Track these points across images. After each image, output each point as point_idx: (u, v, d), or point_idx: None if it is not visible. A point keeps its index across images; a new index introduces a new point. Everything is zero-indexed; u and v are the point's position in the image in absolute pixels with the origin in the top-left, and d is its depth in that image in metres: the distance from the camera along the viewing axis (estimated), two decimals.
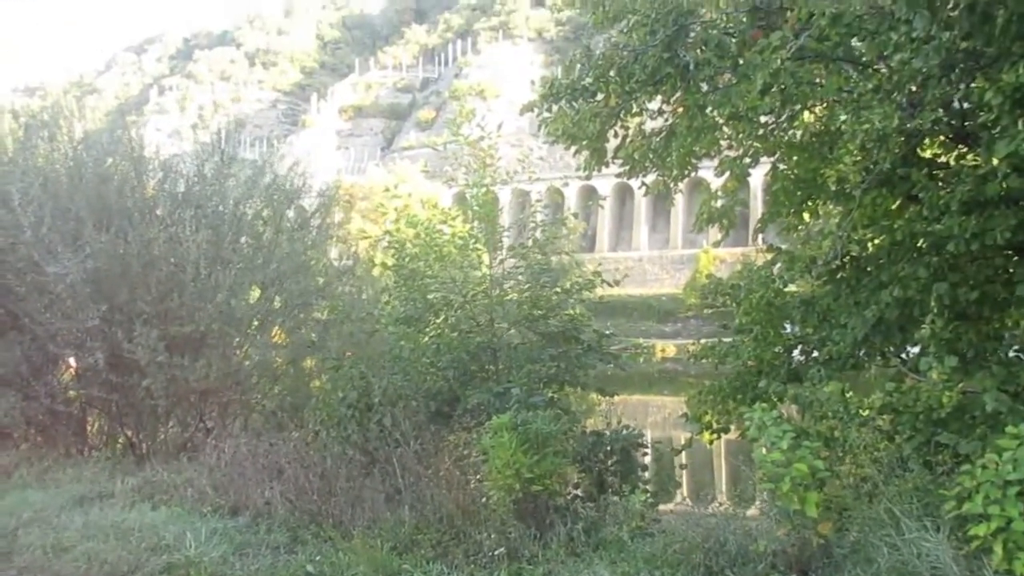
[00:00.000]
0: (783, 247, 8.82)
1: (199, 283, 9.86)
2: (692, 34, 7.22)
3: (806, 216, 8.70)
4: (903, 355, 7.30)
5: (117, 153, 11.55)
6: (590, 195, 55.16)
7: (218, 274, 9.96)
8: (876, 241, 7.47)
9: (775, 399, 7.30)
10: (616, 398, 10.53)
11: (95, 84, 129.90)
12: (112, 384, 9.88)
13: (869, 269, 7.45)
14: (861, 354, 7.36)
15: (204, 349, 10.02)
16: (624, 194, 62.76)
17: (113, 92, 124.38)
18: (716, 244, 10.62)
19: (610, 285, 10.88)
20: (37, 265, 9.47)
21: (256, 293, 11.32)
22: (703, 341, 9.20)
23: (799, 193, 8.24)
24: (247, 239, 11.53)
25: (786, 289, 8.06)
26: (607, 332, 10.59)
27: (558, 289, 10.33)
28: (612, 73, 7.32)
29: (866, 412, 6.37)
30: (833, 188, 7.19)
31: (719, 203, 8.20)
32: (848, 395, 6.54)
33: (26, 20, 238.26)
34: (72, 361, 10.90)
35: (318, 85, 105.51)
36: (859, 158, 6.36)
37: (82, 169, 10.80)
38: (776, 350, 8.30)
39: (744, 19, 7.32)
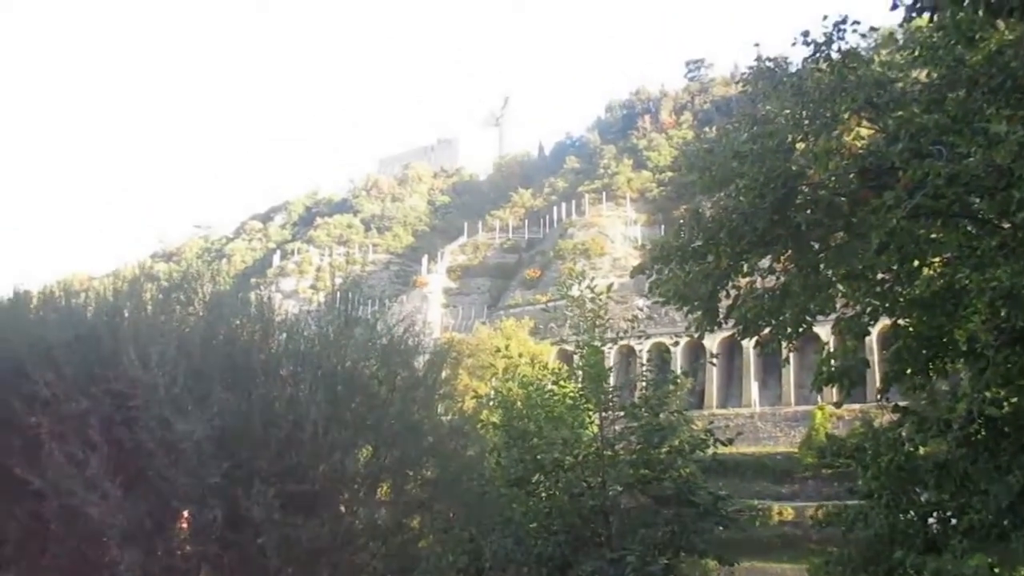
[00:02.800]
0: (909, 407, 8.40)
1: (316, 442, 10.05)
2: (801, 195, 7.28)
3: (933, 375, 8.31)
4: None
5: (245, 315, 12.17)
6: (697, 351, 54.32)
7: (334, 433, 10.15)
8: (1013, 401, 7.05)
9: (912, 573, 6.76)
10: (735, 566, 9.95)
11: (225, 249, 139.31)
12: (227, 541, 9.99)
13: (1008, 431, 6.99)
14: (1007, 523, 6.78)
15: (317, 508, 10.08)
16: (732, 349, 61.48)
17: (240, 257, 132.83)
18: (838, 405, 10.22)
19: (723, 444, 10.54)
20: (168, 423, 9.89)
21: (368, 452, 11.43)
22: (826, 504, 8.69)
23: (924, 351, 7.92)
24: (361, 398, 11.77)
25: (917, 452, 7.62)
26: (722, 494, 10.16)
27: (667, 448, 10.07)
28: (722, 235, 7.40)
29: None
30: (963, 346, 6.90)
31: (837, 363, 7.95)
32: (996, 569, 6.00)
33: (167, 191, 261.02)
34: (188, 516, 11.12)
35: (429, 247, 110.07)
36: (988, 316, 6.11)
37: (213, 330, 11.40)
38: (909, 517, 7.75)
39: (854, 180, 7.35)
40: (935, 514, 7.64)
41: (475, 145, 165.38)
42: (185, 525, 11.34)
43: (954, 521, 7.34)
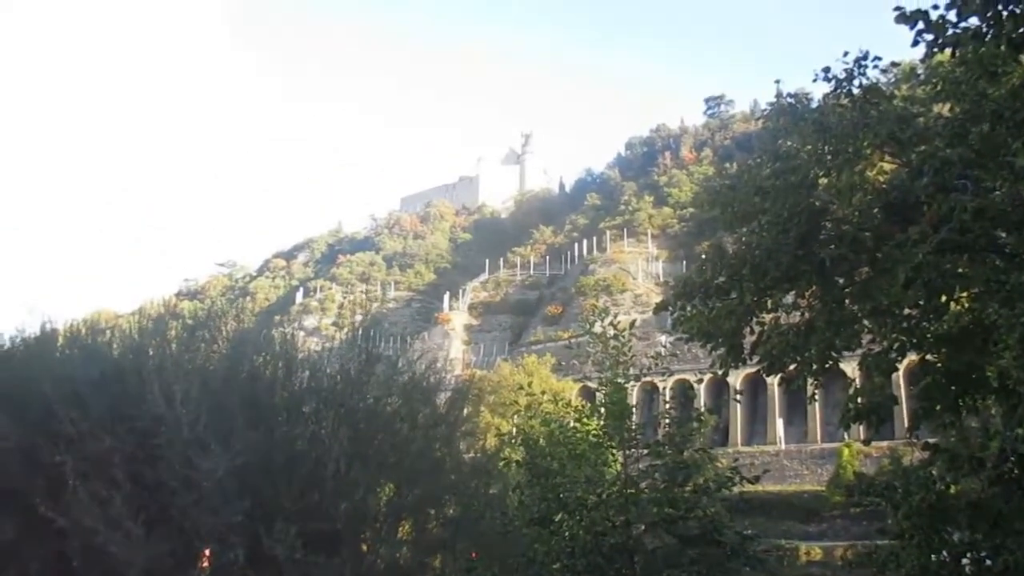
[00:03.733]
0: (940, 444, 8.25)
1: (338, 480, 10.02)
2: (825, 231, 7.24)
3: (963, 412, 8.17)
4: None
5: (268, 352, 12.22)
6: (721, 387, 53.79)
7: (356, 471, 10.11)
8: None
9: None
10: None
11: (249, 287, 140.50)
12: None
13: None
14: None
15: (339, 546, 10.01)
16: (757, 386, 60.83)
17: (264, 294, 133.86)
18: (866, 442, 10.05)
19: (749, 482, 10.38)
20: (190, 461, 9.90)
21: (389, 490, 11.37)
22: (855, 544, 8.51)
23: (953, 388, 7.80)
24: (383, 435, 11.74)
25: (949, 491, 7.46)
26: (749, 533, 9.98)
27: (692, 486, 9.93)
28: (745, 271, 7.36)
29: None
30: (993, 383, 6.78)
31: (864, 399, 7.84)
32: None
33: (193, 229, 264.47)
34: (210, 554, 11.08)
35: (450, 284, 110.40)
36: (1019, 351, 6.01)
37: (236, 368, 11.45)
38: (942, 558, 7.57)
39: (878, 215, 7.30)
40: (969, 555, 7.46)
41: (497, 183, 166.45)
42: (207, 563, 11.28)
43: (989, 562, 7.16)
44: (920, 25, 6.58)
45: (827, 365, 8.08)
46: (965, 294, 7.30)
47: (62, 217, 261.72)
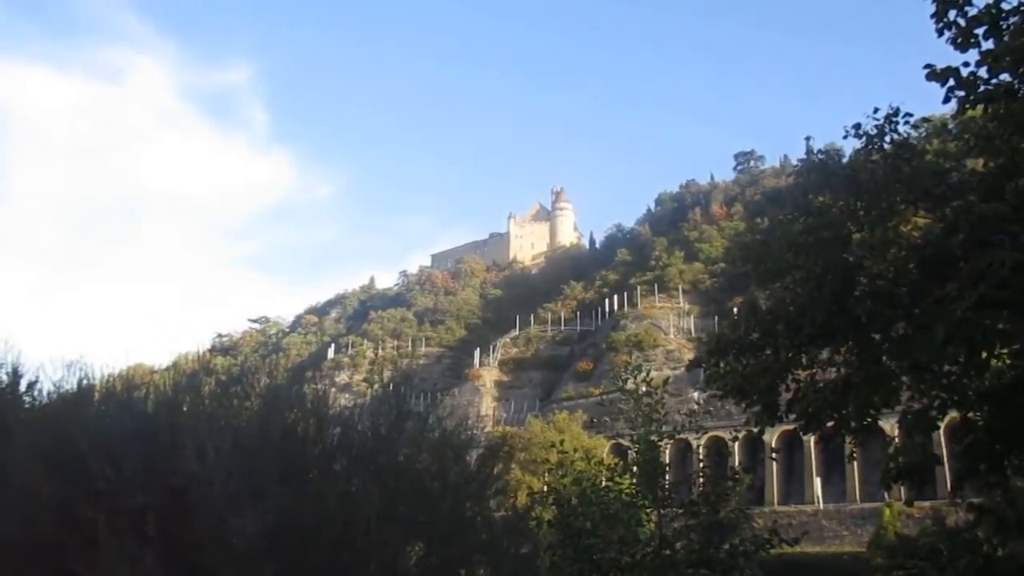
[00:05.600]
0: (985, 505, 8.01)
1: (369, 539, 9.93)
2: (860, 287, 7.17)
3: (1009, 471, 7.93)
4: None
5: (300, 408, 12.25)
6: (756, 445, 52.87)
7: (387, 530, 10.02)
8: None
9: None
10: None
11: (281, 343, 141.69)
12: None
13: None
14: None
15: None
16: (792, 443, 59.65)
17: (296, 350, 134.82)
18: (908, 502, 9.78)
19: (788, 544, 10.10)
20: (222, 518, 9.88)
21: (420, 549, 11.24)
22: None
23: (998, 446, 7.59)
24: (414, 494, 11.65)
25: (997, 554, 7.21)
26: None
27: (729, 547, 9.69)
28: (780, 327, 7.30)
29: None
30: None
31: (905, 458, 7.65)
32: None
33: (227, 285, 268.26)
34: None
35: (481, 340, 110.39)
36: None
37: (269, 424, 11.48)
38: None
39: (913, 270, 7.23)
40: None
41: (527, 239, 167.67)
42: None
43: None
44: (951, 82, 6.60)
45: (865, 423, 7.93)
46: (1006, 350, 7.16)
47: (97, 270, 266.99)
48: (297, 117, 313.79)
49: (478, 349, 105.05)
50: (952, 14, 6.82)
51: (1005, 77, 6.33)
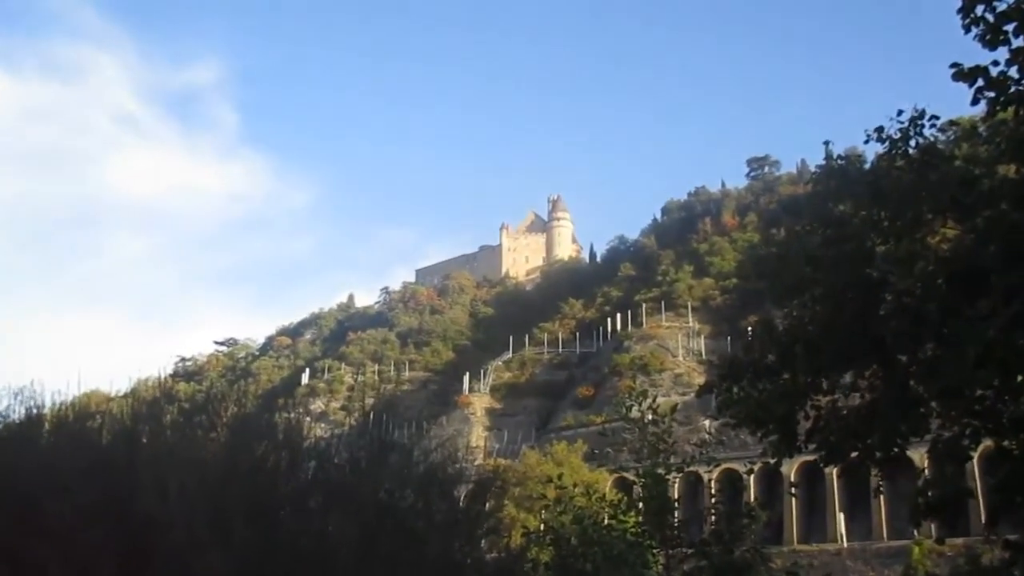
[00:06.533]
0: (1022, 542, 8.04)
1: None
2: (884, 304, 7.23)
3: None
4: None
5: (271, 440, 12.21)
6: (773, 478, 52.80)
7: (367, 573, 9.97)
8: None
9: None
10: None
11: (251, 367, 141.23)
12: None
13: None
14: None
15: None
16: (813, 476, 59.59)
17: (267, 375, 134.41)
18: (939, 540, 9.81)
19: None
20: (184, 561, 9.84)
21: None
22: None
23: None
24: (397, 533, 11.62)
25: None
26: None
27: None
28: (798, 349, 7.35)
29: None
30: None
31: (935, 492, 7.68)
32: None
33: (190, 304, 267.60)
34: None
35: (471, 363, 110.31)
36: None
37: (236, 457, 11.44)
38: None
39: (942, 286, 7.29)
40: None
41: (521, 252, 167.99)
42: None
43: None
44: (980, 82, 6.68)
45: (892, 453, 7.96)
46: None
47: (52, 291, 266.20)
48: (270, 118, 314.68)
49: (468, 373, 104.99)
50: (979, 9, 6.91)
51: None
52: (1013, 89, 6.57)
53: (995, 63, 6.81)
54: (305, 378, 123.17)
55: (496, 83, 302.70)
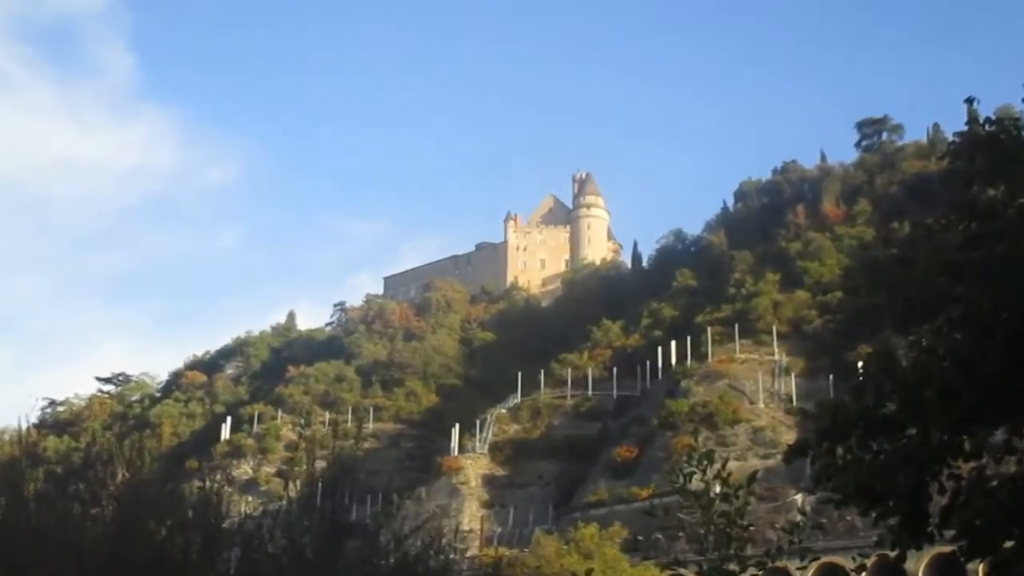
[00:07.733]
0: None
1: None
2: None
3: None
4: None
5: (176, 519, 12.25)
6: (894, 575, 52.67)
7: None
8: None
9: None
10: None
11: (148, 415, 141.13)
12: None
13: None
14: None
15: None
16: (952, 573, 59.53)
17: (171, 426, 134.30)
18: None
19: None
20: None
21: None
22: None
23: None
24: None
25: None
26: None
27: None
28: (929, 394, 7.35)
29: None
30: None
31: None
32: None
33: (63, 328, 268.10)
34: None
35: (461, 411, 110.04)
36: None
37: (128, 542, 11.46)
38: None
39: None
40: None
41: (534, 251, 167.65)
42: None
43: None
44: None
45: None
46: None
47: None
48: (178, 60, 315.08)
49: (457, 425, 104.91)
50: None
51: None
52: None
53: None
54: (226, 431, 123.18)
55: (501, 39, 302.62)
